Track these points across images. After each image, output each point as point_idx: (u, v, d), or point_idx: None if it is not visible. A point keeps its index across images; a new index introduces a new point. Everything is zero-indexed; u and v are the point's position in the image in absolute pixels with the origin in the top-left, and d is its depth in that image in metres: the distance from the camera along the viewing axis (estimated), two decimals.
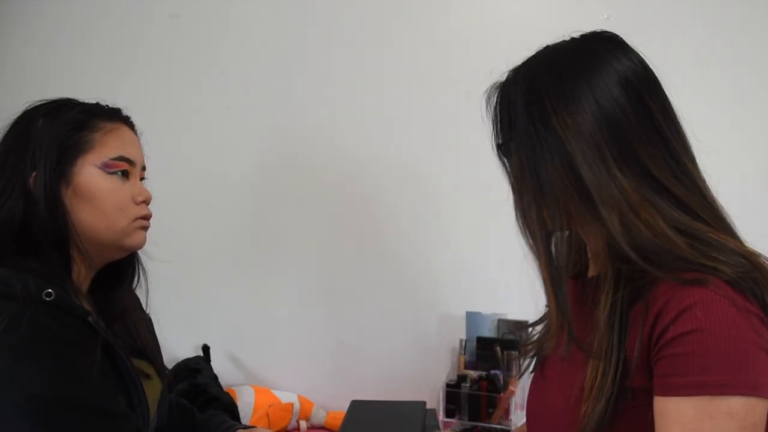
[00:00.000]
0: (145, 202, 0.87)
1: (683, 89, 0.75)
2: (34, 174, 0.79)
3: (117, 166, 0.83)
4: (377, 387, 1.59)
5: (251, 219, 1.71)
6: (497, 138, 0.74)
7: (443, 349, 1.59)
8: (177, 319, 1.62)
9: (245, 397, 1.55)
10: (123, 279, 0.92)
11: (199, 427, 1.04)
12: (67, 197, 0.80)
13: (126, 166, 0.85)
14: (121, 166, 0.84)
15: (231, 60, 1.70)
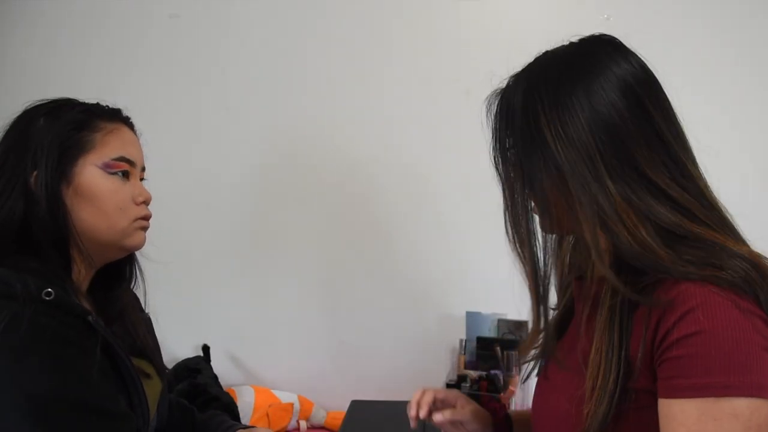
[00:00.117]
0: (145, 202, 0.87)
1: (683, 89, 0.75)
2: (35, 173, 0.79)
3: (118, 166, 0.83)
4: (377, 387, 1.59)
5: (251, 219, 1.71)
6: (495, 146, 0.74)
7: (443, 349, 1.59)
8: (177, 319, 1.62)
9: (245, 397, 1.55)
10: (121, 279, 0.92)
11: (199, 427, 1.04)
12: (68, 197, 0.80)
13: (126, 166, 0.85)
14: (122, 166, 0.84)
15: (231, 60, 1.70)
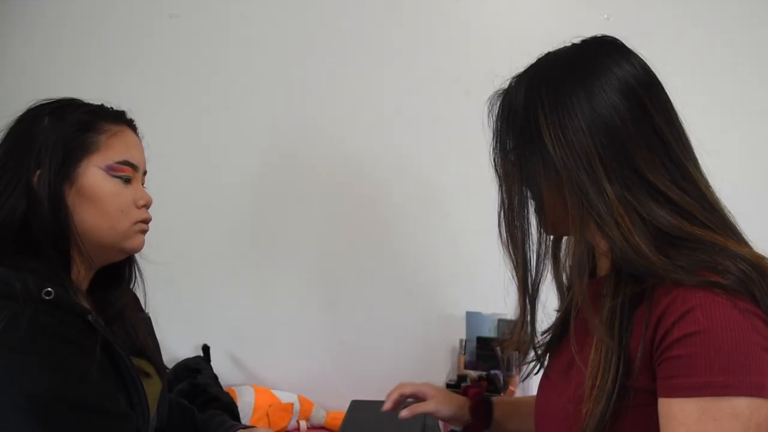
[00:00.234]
0: (146, 206, 0.87)
1: (683, 90, 0.75)
2: (38, 172, 0.79)
3: (121, 170, 0.84)
4: (377, 387, 1.58)
5: (251, 219, 1.71)
6: (496, 146, 0.74)
7: (443, 349, 1.59)
8: (177, 319, 1.62)
9: (245, 397, 1.54)
10: (120, 280, 0.92)
11: (200, 427, 1.04)
12: (70, 197, 0.80)
13: (129, 171, 0.85)
14: (125, 170, 0.84)
15: (231, 60, 1.69)
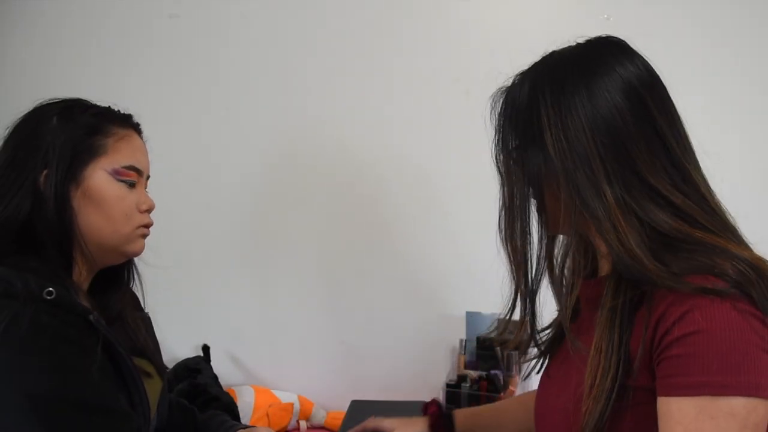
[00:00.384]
0: (148, 210, 0.88)
1: (683, 90, 0.75)
2: (45, 172, 0.79)
3: (127, 174, 0.84)
4: (377, 387, 1.59)
5: (251, 219, 1.71)
6: (497, 144, 0.74)
7: (443, 349, 1.59)
8: (177, 319, 1.63)
9: (245, 397, 1.55)
10: (119, 282, 0.93)
11: (200, 427, 1.04)
12: (76, 199, 0.80)
13: (135, 176, 0.86)
14: (131, 175, 0.85)
15: (231, 60, 1.69)
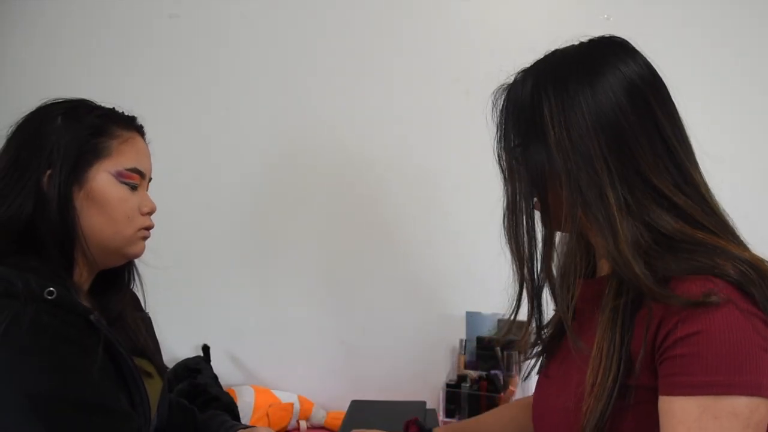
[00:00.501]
0: (150, 213, 0.88)
1: (683, 90, 0.75)
2: (48, 173, 0.79)
3: (130, 177, 0.85)
4: (377, 387, 1.59)
5: (252, 219, 1.71)
6: (500, 141, 0.74)
7: (443, 349, 1.59)
8: (177, 319, 1.62)
9: (245, 397, 1.55)
10: (120, 282, 0.93)
11: (200, 427, 1.04)
12: (78, 200, 0.80)
13: (138, 179, 0.86)
14: (134, 178, 0.85)
15: (231, 60, 1.69)
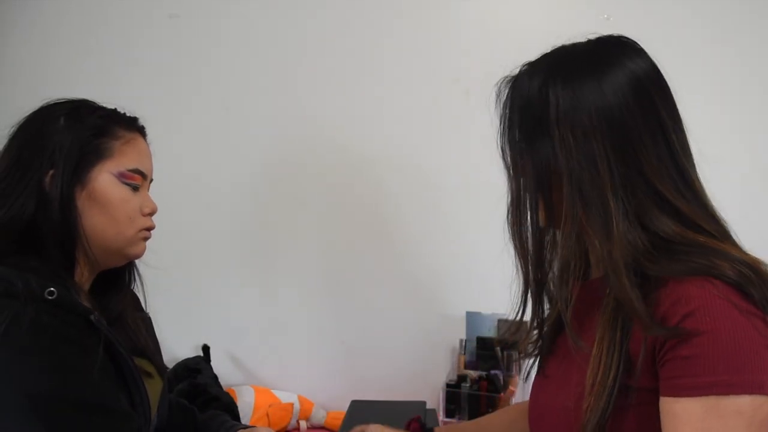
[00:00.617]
0: (151, 213, 0.89)
1: (683, 90, 0.75)
2: (51, 173, 0.79)
3: (132, 178, 0.85)
4: (377, 387, 1.59)
5: (252, 219, 1.71)
6: (503, 134, 0.74)
7: (443, 349, 1.59)
8: (177, 319, 1.63)
9: (245, 397, 1.55)
10: (120, 282, 0.93)
11: (200, 427, 1.04)
12: (80, 200, 0.81)
13: (139, 179, 0.86)
14: (136, 179, 0.85)
15: (231, 60, 1.69)
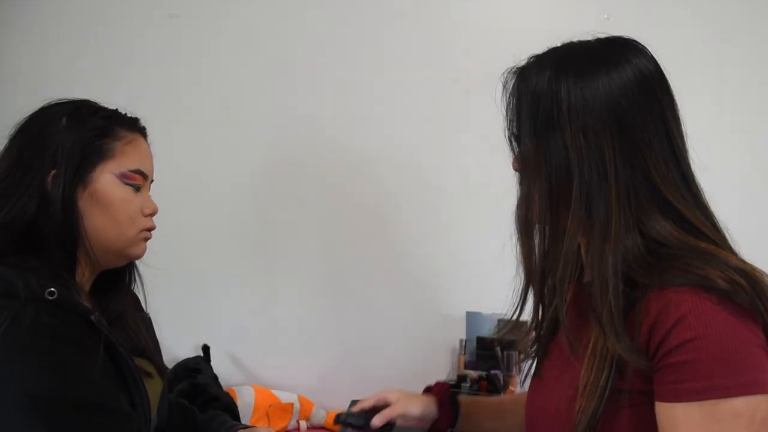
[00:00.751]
0: (152, 214, 0.89)
1: (683, 90, 0.75)
2: (52, 173, 0.79)
3: (134, 178, 0.85)
4: (377, 387, 1.58)
5: (251, 219, 1.71)
6: (510, 125, 0.73)
7: (443, 349, 1.59)
8: (177, 319, 1.62)
9: (245, 397, 1.54)
10: (121, 282, 0.93)
11: (200, 427, 1.04)
12: (82, 201, 0.81)
13: (141, 180, 0.86)
14: (137, 179, 0.86)
15: (231, 60, 1.69)
